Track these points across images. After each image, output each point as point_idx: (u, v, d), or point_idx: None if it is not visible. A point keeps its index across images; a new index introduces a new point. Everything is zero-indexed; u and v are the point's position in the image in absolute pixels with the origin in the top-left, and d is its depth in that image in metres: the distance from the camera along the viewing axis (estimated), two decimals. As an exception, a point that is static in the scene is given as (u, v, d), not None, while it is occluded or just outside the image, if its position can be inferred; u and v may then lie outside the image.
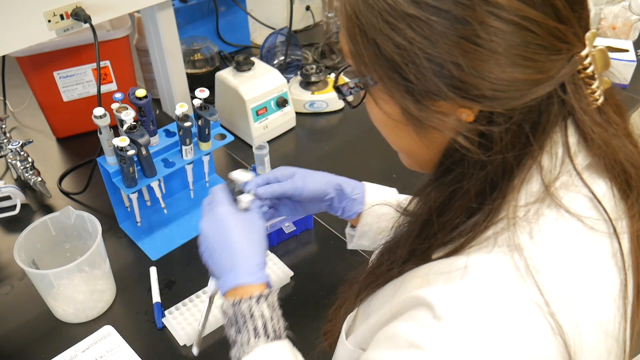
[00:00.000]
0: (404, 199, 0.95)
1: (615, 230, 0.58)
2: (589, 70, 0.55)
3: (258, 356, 0.70)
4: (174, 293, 1.12)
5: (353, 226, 1.00)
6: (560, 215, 0.57)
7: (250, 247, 0.78)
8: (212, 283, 0.85)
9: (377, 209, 0.92)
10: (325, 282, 1.13)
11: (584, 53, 0.54)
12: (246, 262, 0.76)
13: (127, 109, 1.10)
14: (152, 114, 1.14)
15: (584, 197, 0.58)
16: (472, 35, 0.51)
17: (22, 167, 1.34)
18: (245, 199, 0.82)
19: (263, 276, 0.76)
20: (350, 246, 1.03)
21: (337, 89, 0.68)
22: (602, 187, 0.59)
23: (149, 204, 1.27)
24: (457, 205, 0.59)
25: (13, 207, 1.32)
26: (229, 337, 0.74)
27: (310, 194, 0.90)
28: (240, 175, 0.84)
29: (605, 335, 0.56)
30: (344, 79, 0.68)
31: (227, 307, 0.74)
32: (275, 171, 0.91)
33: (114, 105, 1.10)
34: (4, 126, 1.36)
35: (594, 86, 0.56)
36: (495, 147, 0.55)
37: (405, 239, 0.67)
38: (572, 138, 0.57)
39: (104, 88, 1.47)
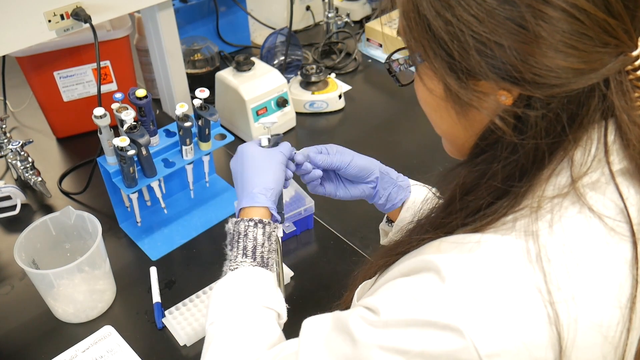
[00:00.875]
0: None
1: (634, 235, 0.57)
2: (639, 73, 0.55)
3: (241, 275, 0.76)
4: (174, 293, 1.12)
5: (389, 221, 1.00)
6: (583, 211, 0.57)
7: (256, 176, 0.83)
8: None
9: (416, 205, 0.93)
10: (325, 282, 1.13)
11: (635, 53, 0.54)
12: (248, 188, 0.82)
13: (127, 109, 1.10)
14: (152, 114, 1.14)
15: (610, 199, 0.58)
16: (517, 17, 0.52)
17: (22, 167, 1.34)
18: (263, 138, 0.88)
19: (263, 201, 0.81)
20: (383, 242, 1.03)
21: (388, 64, 0.71)
22: (632, 193, 0.59)
23: (149, 204, 1.27)
24: (484, 186, 0.60)
25: (13, 207, 1.32)
26: (226, 254, 0.80)
27: (355, 169, 0.92)
28: (266, 120, 0.94)
29: (604, 340, 0.55)
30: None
31: (229, 226, 0.81)
32: (327, 146, 0.95)
33: (114, 105, 1.10)
34: (4, 126, 1.36)
35: None
36: (530, 131, 0.56)
37: (430, 214, 0.69)
38: (611, 137, 0.57)
39: (104, 88, 1.47)
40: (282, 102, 1.51)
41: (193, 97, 1.16)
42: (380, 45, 1.84)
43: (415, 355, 0.53)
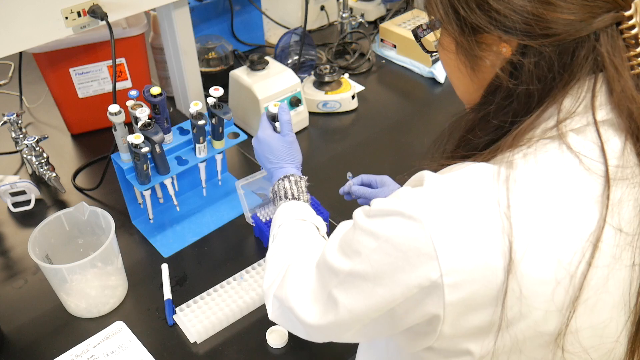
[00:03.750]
0: None
1: (608, 176, 0.60)
2: (633, 33, 0.60)
3: (279, 211, 0.96)
4: (185, 290, 1.13)
5: None
6: (561, 148, 0.62)
7: (282, 157, 1.04)
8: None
9: None
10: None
11: (627, 13, 0.59)
12: (277, 166, 1.04)
13: (142, 106, 1.10)
14: (166, 112, 1.15)
15: (591, 141, 0.62)
16: None
17: (37, 163, 1.36)
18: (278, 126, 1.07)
19: (293, 171, 1.02)
20: None
21: (414, 32, 0.80)
22: (614, 141, 0.62)
23: (161, 201, 1.28)
24: (479, 126, 0.68)
25: (28, 202, 1.34)
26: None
27: None
28: (272, 108, 1.07)
29: (558, 263, 0.59)
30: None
31: (271, 195, 1.02)
32: (378, 177, 1.13)
33: (129, 103, 1.11)
34: (20, 122, 1.37)
35: (638, 50, 0.61)
36: (522, 77, 0.63)
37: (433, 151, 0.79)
38: (599, 88, 0.62)
39: (119, 85, 1.48)
40: (295, 102, 1.51)
41: (207, 95, 1.16)
42: (394, 46, 1.84)
43: (384, 240, 0.61)
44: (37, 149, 1.35)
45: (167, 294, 1.11)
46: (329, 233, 1.25)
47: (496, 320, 0.60)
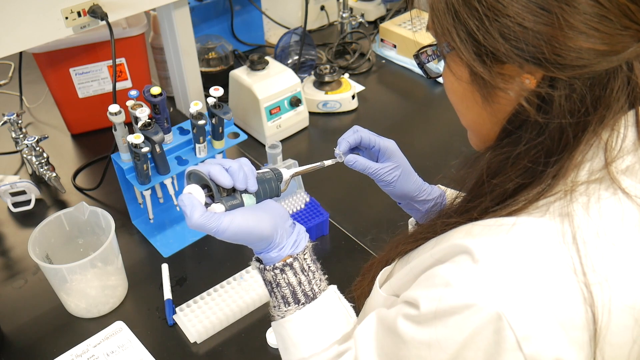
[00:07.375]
0: None
1: None
2: None
3: (289, 325, 0.72)
4: (185, 290, 1.13)
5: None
6: (616, 194, 0.57)
7: (251, 235, 0.69)
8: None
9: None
10: (334, 282, 1.13)
11: None
12: (257, 246, 0.72)
13: (142, 106, 1.10)
14: (166, 112, 1.15)
15: None
16: (541, 0, 0.54)
17: (37, 163, 1.36)
18: (218, 209, 0.67)
19: (280, 256, 0.72)
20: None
21: (417, 57, 0.72)
22: None
23: (161, 201, 1.28)
24: (510, 168, 0.61)
25: (28, 202, 1.34)
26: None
27: (390, 192, 0.90)
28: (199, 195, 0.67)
29: (635, 323, 0.56)
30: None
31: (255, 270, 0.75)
32: (381, 142, 0.90)
33: (129, 103, 1.11)
34: (20, 121, 1.37)
35: None
36: (553, 111, 0.56)
37: (452, 201, 0.70)
38: None
39: (119, 85, 1.48)
40: (295, 102, 1.51)
41: (207, 95, 1.16)
42: (395, 46, 1.84)
43: (457, 349, 0.54)
44: (37, 149, 1.35)
45: (167, 294, 1.11)
46: (328, 233, 1.25)
47: None
